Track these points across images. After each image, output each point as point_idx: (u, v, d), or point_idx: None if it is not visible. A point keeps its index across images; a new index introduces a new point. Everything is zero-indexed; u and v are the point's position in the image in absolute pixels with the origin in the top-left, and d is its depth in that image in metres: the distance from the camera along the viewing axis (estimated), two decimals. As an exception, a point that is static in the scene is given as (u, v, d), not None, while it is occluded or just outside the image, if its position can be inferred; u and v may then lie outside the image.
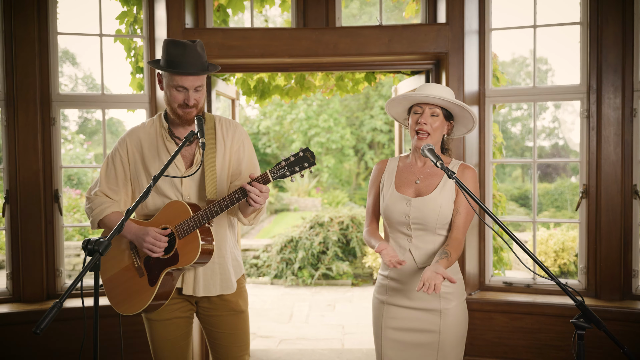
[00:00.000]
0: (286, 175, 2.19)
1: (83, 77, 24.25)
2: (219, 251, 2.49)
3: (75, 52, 23.60)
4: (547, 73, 25.58)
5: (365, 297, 7.44)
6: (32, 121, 3.78)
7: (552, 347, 3.75)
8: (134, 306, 2.40)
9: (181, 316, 2.53)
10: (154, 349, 2.55)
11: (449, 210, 2.40)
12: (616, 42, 3.64)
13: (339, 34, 3.80)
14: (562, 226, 8.73)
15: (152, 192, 2.44)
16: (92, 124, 22.75)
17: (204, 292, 2.46)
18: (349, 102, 21.69)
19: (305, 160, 2.17)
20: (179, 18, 3.78)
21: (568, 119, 26.58)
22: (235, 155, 2.52)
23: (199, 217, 2.29)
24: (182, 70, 2.31)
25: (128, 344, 3.76)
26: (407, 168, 2.53)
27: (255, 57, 3.82)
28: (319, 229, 8.69)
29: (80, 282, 1.88)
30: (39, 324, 1.70)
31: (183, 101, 2.37)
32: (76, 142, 12.41)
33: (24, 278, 3.79)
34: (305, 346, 5.17)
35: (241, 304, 2.57)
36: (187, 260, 2.31)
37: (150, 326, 2.53)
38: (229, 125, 2.56)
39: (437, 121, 2.41)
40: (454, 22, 3.73)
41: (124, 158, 2.51)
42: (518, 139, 24.60)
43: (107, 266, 2.51)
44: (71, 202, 8.49)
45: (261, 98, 4.59)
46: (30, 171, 3.78)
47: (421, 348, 2.41)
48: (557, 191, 16.20)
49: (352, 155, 21.25)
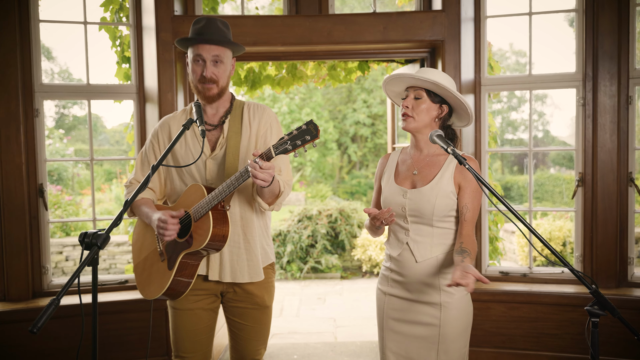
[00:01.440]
0: (288, 149, 2.07)
1: (59, 72, 23.79)
2: (246, 237, 2.44)
3: (51, 46, 23.10)
4: (525, 66, 25.77)
5: (355, 290, 7.40)
6: (15, 113, 3.64)
7: (550, 335, 3.74)
8: (154, 290, 2.38)
9: (205, 308, 2.48)
10: (175, 339, 2.50)
11: (446, 202, 2.32)
12: (612, 29, 3.62)
13: (333, 21, 3.72)
14: (548, 216, 8.79)
15: (180, 177, 2.47)
16: (70, 119, 22.35)
17: (231, 278, 2.41)
18: (331, 95, 21.62)
19: (308, 133, 2.05)
20: (168, 5, 3.67)
21: (547, 111, 26.85)
22: (262, 139, 2.48)
23: (210, 199, 2.24)
24: (197, 37, 2.33)
25: (121, 342, 3.67)
26: (406, 159, 2.48)
27: (247, 45, 3.72)
28: (308, 223, 8.62)
29: (78, 278, 1.79)
30: (35, 323, 1.62)
31: (201, 74, 2.35)
32: (55, 137, 12.16)
33: (9, 276, 3.66)
34: (298, 340, 5.10)
35: (267, 299, 2.53)
36: (199, 243, 2.25)
37: (173, 315, 2.50)
38: (256, 109, 2.52)
39: (421, 104, 2.35)
40: (450, 9, 3.68)
41: (155, 146, 2.53)
42: (498, 131, 24.77)
43: (138, 251, 2.54)
44: (52, 199, 8.29)
45: (252, 88, 4.49)
46: (13, 164, 3.65)
47: (422, 341, 2.36)
48: (537, 182, 16.34)
49: (335, 149, 21.19)
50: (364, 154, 21.67)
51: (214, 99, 2.40)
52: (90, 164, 4.01)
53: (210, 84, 2.36)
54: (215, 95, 2.39)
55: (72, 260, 7.53)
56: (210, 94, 2.37)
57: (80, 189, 12.10)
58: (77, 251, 7.53)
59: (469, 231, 2.32)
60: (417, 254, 2.35)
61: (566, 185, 15.49)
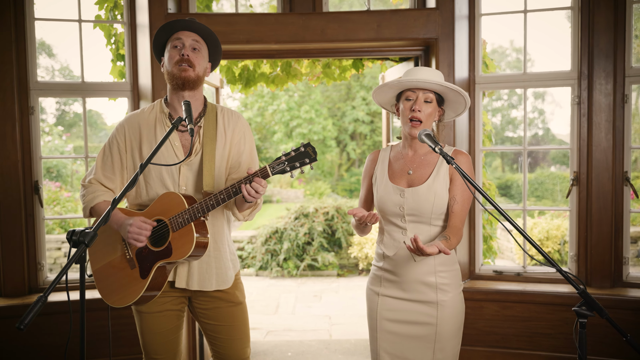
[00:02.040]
0: (286, 170, 2.08)
1: (60, 69, 23.82)
2: (216, 245, 2.41)
3: (52, 44, 23.18)
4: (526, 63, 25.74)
5: (351, 288, 7.40)
6: (10, 110, 3.64)
7: (543, 335, 3.73)
8: (124, 298, 2.31)
9: (172, 309, 2.44)
10: (144, 342, 2.46)
11: (444, 200, 2.33)
12: (608, 27, 3.60)
13: (327, 19, 3.71)
14: (546, 215, 8.78)
15: (147, 182, 2.37)
16: (70, 116, 22.37)
17: (198, 287, 2.38)
18: (330, 93, 21.61)
19: (306, 156, 2.06)
20: (162, 3, 3.66)
21: (548, 109, 26.82)
22: (235, 147, 2.44)
23: (194, 210, 2.20)
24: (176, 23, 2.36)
25: (114, 338, 3.67)
26: (398, 158, 2.46)
27: (240, 43, 3.71)
28: (304, 220, 8.62)
29: (66, 275, 1.79)
30: (22, 319, 1.60)
31: (179, 55, 2.32)
32: (55, 134, 12.17)
33: (5, 272, 3.67)
34: (293, 337, 5.11)
35: (238, 295, 2.49)
36: (180, 253, 2.22)
37: (140, 319, 2.44)
38: (230, 115, 2.48)
39: (430, 107, 2.34)
40: (444, 7, 3.66)
41: (121, 145, 2.42)
42: (498, 129, 24.77)
43: (98, 256, 2.42)
44: (51, 195, 8.30)
45: (246, 86, 4.48)
46: (8, 162, 3.65)
47: (418, 340, 2.35)
48: (537, 180, 16.34)
49: (334, 147, 21.20)
50: (362, 151, 21.67)
51: (187, 84, 2.33)
52: (85, 160, 4.01)
53: (187, 65, 2.31)
54: (190, 79, 2.32)
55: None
56: (185, 74, 2.31)
57: (79, 185, 12.11)
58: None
59: (456, 222, 2.31)
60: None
61: (565, 184, 15.48)
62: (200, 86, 2.41)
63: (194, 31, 2.38)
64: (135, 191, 2.42)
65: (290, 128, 20.85)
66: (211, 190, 2.33)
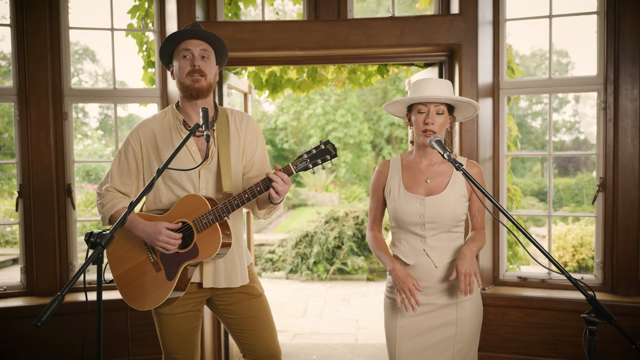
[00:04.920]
0: (308, 167, 2.19)
1: (103, 74, 24.47)
2: (237, 243, 2.49)
3: (96, 49, 23.83)
4: (567, 66, 25.20)
5: (380, 292, 7.39)
6: (45, 116, 3.80)
7: (567, 342, 3.68)
8: (151, 301, 2.38)
9: (192, 310, 2.51)
10: (164, 342, 2.53)
11: (462, 208, 2.38)
12: (634, 31, 3.55)
13: (351, 26, 3.76)
14: (580, 221, 8.59)
15: (166, 184, 2.44)
16: (112, 120, 22.97)
17: (226, 284, 2.45)
18: (366, 96, 21.59)
19: (327, 153, 2.17)
20: (189, 11, 3.77)
21: (589, 113, 26.17)
22: (248, 147, 2.52)
23: (219, 210, 2.28)
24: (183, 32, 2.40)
25: (137, 338, 3.78)
26: (412, 167, 2.47)
27: (265, 50, 3.79)
28: (334, 224, 8.65)
29: (84, 275, 1.87)
30: (40, 317, 1.69)
31: (190, 66, 2.38)
32: (95, 137, 12.54)
33: (38, 272, 3.83)
34: (319, 341, 5.15)
35: (257, 287, 2.56)
36: (207, 253, 2.30)
37: (159, 320, 2.51)
38: (241, 117, 2.55)
39: (442, 118, 2.37)
40: (467, 13, 3.66)
41: (137, 151, 2.48)
42: (538, 133, 24.30)
43: (119, 262, 2.48)
44: (89, 197, 8.57)
45: (273, 92, 4.56)
46: (42, 165, 3.81)
47: (437, 345, 2.38)
48: (577, 186, 15.97)
49: (369, 150, 21.17)
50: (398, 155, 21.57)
51: (201, 93, 2.40)
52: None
53: (199, 75, 2.37)
54: (204, 88, 2.39)
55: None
56: (198, 85, 2.37)
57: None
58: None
59: (482, 224, 2.47)
60: (436, 260, 2.37)
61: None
62: (211, 92, 2.48)
63: (201, 39, 2.43)
64: (153, 197, 2.47)
65: (326, 132, 20.92)
66: (230, 190, 2.39)
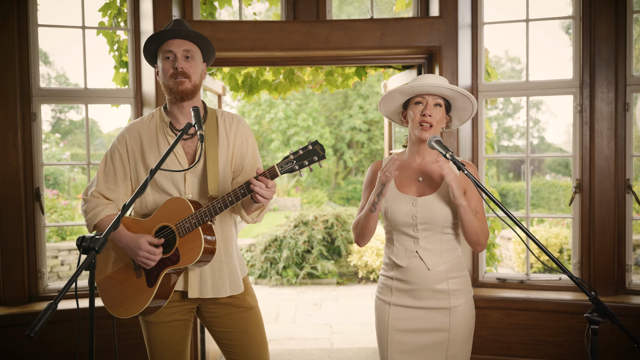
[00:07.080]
0: (295, 169, 2.06)
1: (56, 76, 23.78)
2: (227, 250, 2.39)
3: (48, 51, 23.12)
4: (520, 72, 25.87)
5: (351, 296, 7.38)
6: (12, 116, 3.63)
7: (547, 342, 3.73)
8: (131, 308, 2.28)
9: (180, 319, 2.41)
10: (152, 352, 2.43)
11: (455, 208, 2.33)
12: (609, 35, 3.63)
13: (331, 27, 3.73)
14: (545, 223, 8.79)
15: (152, 189, 2.35)
16: (66, 123, 22.31)
17: (212, 294, 2.34)
18: (327, 101, 21.65)
19: (315, 154, 2.04)
20: (166, 10, 3.66)
21: (542, 118, 26.94)
22: (238, 151, 2.42)
23: (202, 214, 2.18)
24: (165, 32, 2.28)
25: (118, 346, 3.63)
26: (404, 166, 2.43)
27: (245, 50, 3.72)
28: (304, 228, 8.60)
29: (75, 282, 1.77)
30: (32, 327, 1.58)
31: (172, 67, 2.28)
32: (52, 141, 12.13)
33: (5, 280, 3.63)
34: (294, 346, 5.08)
35: (249, 299, 2.45)
36: (188, 259, 2.20)
37: (147, 329, 2.41)
38: (231, 119, 2.45)
39: (440, 112, 2.34)
40: (447, 15, 3.68)
41: (123, 155, 2.39)
42: (495, 137, 24.84)
43: (101, 267, 2.39)
44: (48, 203, 8.26)
45: (249, 93, 4.48)
46: (10, 168, 3.63)
47: (430, 349, 2.34)
48: (533, 189, 16.39)
49: (331, 155, 21.21)
50: (359, 159, 21.69)
51: (186, 95, 2.30)
52: (87, 168, 4.00)
53: (182, 77, 2.27)
54: (188, 90, 2.29)
55: (67, 265, 7.49)
56: (182, 87, 2.27)
57: (76, 193, 12.05)
58: (72, 256, 7.49)
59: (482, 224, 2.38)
60: (429, 262, 2.32)
61: (562, 192, 15.52)
62: (198, 93, 2.39)
63: (183, 38, 2.32)
64: (139, 201, 2.39)
65: (288, 136, 20.86)
66: (216, 194, 2.30)
